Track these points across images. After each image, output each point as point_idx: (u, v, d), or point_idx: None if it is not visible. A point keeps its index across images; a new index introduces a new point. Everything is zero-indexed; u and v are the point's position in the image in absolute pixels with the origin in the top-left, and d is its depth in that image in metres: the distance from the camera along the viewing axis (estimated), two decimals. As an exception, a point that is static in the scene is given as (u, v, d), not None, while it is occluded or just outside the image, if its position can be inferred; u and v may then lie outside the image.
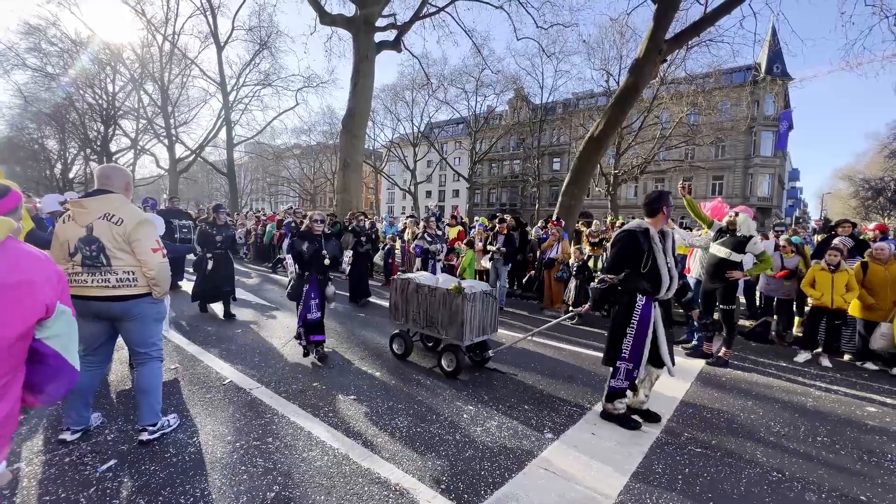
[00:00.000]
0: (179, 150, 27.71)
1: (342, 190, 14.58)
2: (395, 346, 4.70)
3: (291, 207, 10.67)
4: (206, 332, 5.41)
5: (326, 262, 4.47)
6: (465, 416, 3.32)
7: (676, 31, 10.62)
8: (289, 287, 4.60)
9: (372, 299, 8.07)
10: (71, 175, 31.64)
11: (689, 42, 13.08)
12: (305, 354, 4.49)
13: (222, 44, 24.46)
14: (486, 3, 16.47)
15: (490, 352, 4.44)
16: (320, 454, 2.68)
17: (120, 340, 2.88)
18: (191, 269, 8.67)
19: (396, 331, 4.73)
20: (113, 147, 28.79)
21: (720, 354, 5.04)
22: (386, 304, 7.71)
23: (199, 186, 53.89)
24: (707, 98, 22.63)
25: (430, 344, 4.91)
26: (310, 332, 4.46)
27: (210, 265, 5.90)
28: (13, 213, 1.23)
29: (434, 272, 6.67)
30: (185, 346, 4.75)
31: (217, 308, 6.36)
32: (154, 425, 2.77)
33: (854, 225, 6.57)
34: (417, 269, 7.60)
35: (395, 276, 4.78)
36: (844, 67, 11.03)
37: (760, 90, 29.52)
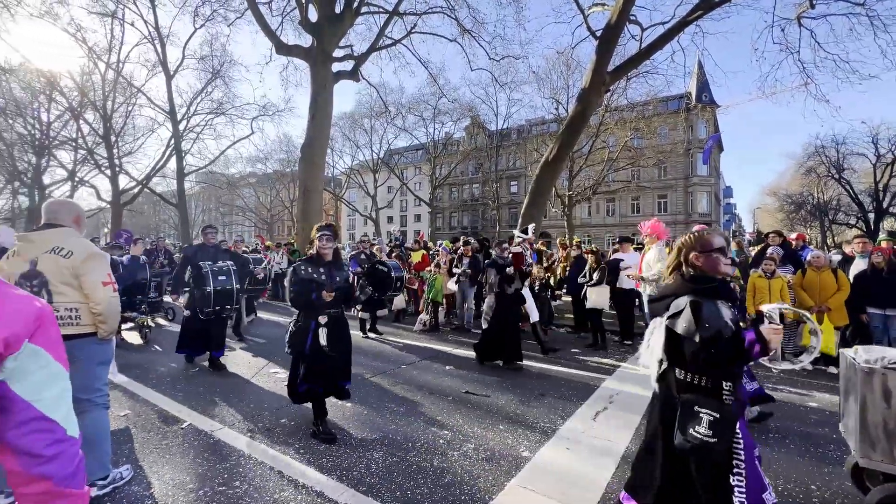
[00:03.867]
0: (123, 182, 26.18)
1: (302, 218, 14.32)
2: None
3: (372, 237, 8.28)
4: (160, 373, 5.05)
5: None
6: (441, 441, 3.29)
7: (617, 63, 11.57)
8: (712, 437, 1.69)
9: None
10: (-4, 210, 28.99)
11: (629, 73, 14.24)
12: None
13: (172, 73, 23.77)
14: (441, 36, 17.22)
15: None
16: (293, 493, 2.56)
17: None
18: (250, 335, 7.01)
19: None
20: (47, 179, 26.77)
21: None
22: (360, 333, 7.55)
23: (145, 218, 50.91)
24: (647, 123, 24.50)
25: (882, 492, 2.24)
26: None
27: (324, 339, 3.28)
28: None
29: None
30: (137, 391, 4.40)
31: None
32: (104, 479, 2.54)
33: (781, 235, 7.16)
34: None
35: (875, 366, 2.30)
36: (761, 96, 12.42)
37: (693, 116, 32.34)
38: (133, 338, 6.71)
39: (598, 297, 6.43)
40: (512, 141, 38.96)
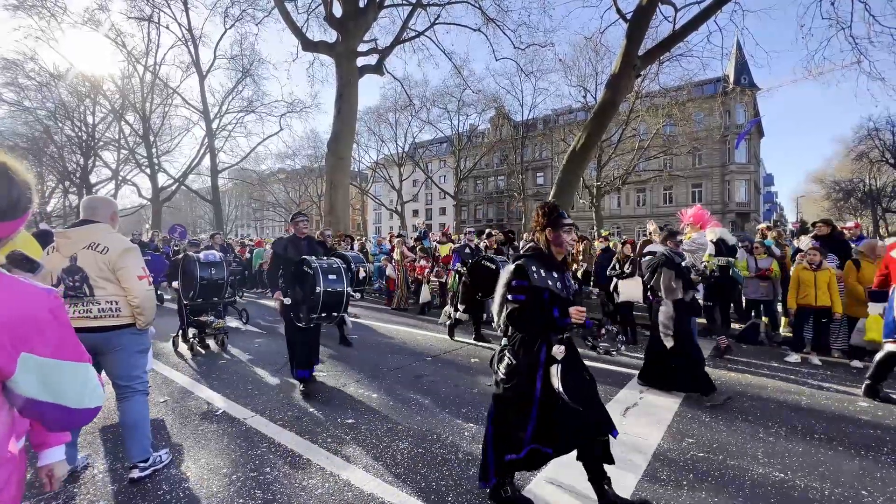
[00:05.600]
0: (162, 179, 27.47)
1: (329, 212, 14.57)
2: None
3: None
4: (196, 363, 5.27)
5: None
6: (466, 433, 3.28)
7: (648, 47, 11.08)
8: None
9: (365, 317, 7.99)
10: (49, 208, 30.97)
11: (661, 57, 13.64)
12: None
13: (204, 73, 24.58)
14: (464, 26, 17.02)
15: None
16: (321, 482, 2.61)
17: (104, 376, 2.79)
18: None
19: None
20: (93, 178, 28.41)
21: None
22: (387, 325, 7.64)
23: (182, 214, 53.25)
24: (681, 109, 23.45)
25: None
26: None
27: (558, 381, 2.12)
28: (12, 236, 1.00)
29: None
30: (175, 379, 4.61)
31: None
32: (145, 462, 2.67)
33: (830, 224, 6.56)
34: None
35: None
36: (807, 77, 11.64)
37: (731, 100, 30.74)
38: (210, 345, 5.97)
39: (630, 290, 6.22)
40: (538, 131, 38.21)
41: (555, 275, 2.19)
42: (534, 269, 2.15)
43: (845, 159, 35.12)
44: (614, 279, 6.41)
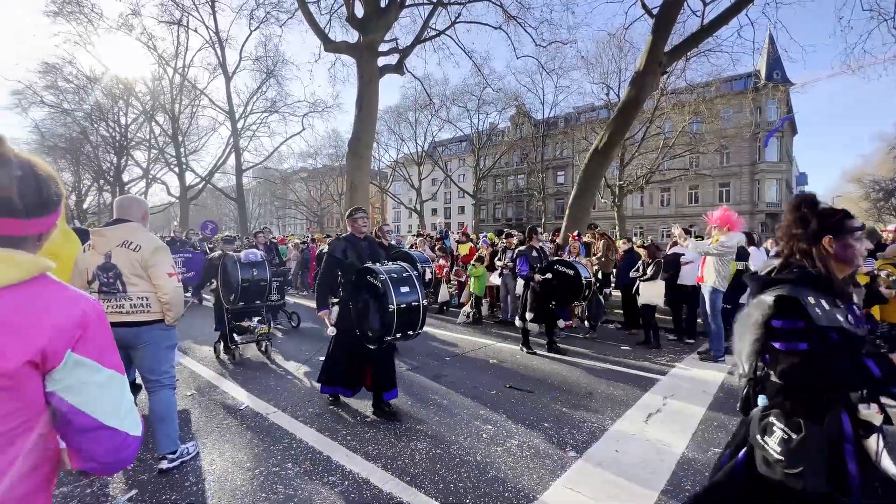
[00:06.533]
0: (189, 178, 28.33)
1: (350, 211, 14.71)
2: None
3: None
4: (221, 359, 5.41)
5: None
6: (484, 435, 3.27)
7: (675, 42, 10.77)
8: None
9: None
10: (85, 206, 32.43)
11: (688, 53, 13.24)
12: None
13: (230, 74, 25.21)
14: (485, 24, 16.90)
15: None
16: (340, 479, 2.65)
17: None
18: None
19: None
20: (125, 177, 29.55)
21: None
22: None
23: (208, 212, 54.84)
24: (709, 106, 22.71)
25: None
26: None
27: (884, 453, 1.29)
28: (51, 231, 0.98)
29: None
30: (201, 373, 4.76)
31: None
32: (173, 453, 2.76)
33: (875, 234, 6.20)
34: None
35: None
36: (846, 71, 11.09)
37: (762, 97, 29.60)
38: (252, 353, 5.58)
39: (651, 292, 6.08)
40: (559, 130, 37.66)
41: (840, 304, 1.41)
42: (811, 300, 1.35)
43: (886, 157, 33.38)
44: (637, 281, 6.29)
